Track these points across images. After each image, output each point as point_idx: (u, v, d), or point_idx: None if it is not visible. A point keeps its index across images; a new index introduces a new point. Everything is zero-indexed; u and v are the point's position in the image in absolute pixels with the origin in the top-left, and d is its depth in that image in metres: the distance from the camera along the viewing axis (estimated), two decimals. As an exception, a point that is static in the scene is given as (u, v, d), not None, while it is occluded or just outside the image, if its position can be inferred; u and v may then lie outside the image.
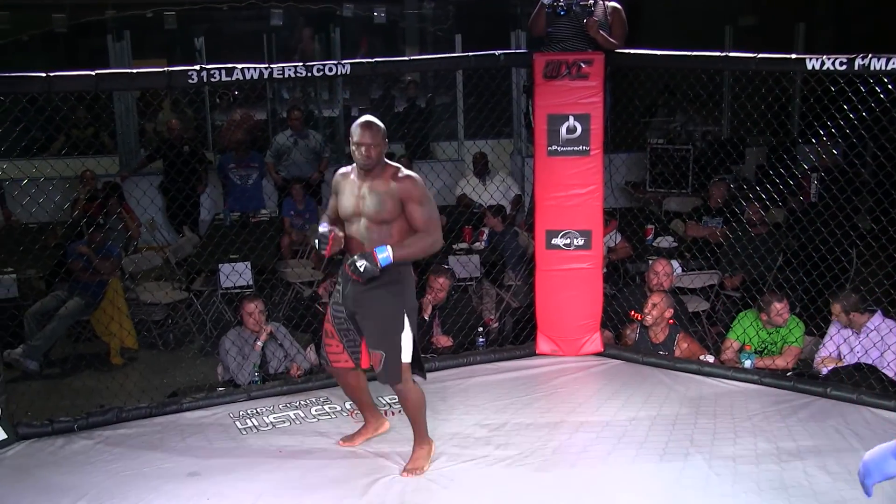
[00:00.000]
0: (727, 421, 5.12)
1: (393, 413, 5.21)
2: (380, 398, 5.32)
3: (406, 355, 4.47)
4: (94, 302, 7.33)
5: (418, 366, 4.62)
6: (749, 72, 5.85)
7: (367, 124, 4.36)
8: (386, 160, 4.44)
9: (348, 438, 4.98)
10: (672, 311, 6.11)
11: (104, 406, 5.47)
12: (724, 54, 5.78)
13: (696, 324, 6.65)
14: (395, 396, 4.78)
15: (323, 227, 4.44)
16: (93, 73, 4.95)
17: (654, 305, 6.02)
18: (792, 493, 4.33)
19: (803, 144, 9.69)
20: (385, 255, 4.25)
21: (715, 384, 5.67)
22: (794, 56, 5.43)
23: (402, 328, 4.43)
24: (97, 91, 5.26)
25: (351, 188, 4.46)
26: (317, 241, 4.41)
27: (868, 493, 2.64)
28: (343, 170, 4.61)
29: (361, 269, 4.24)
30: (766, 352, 6.03)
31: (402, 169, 4.43)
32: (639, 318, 6.11)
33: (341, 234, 4.42)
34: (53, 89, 4.93)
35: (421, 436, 4.66)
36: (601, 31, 5.81)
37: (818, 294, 6.18)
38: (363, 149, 4.33)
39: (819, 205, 6.11)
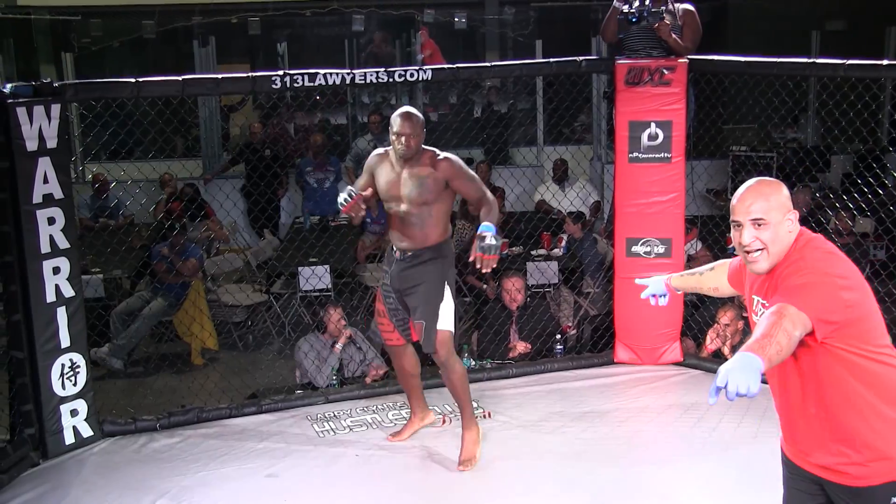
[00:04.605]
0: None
1: (450, 421, 5.23)
2: (446, 405, 5.34)
3: (447, 324, 4.56)
4: (176, 303, 7.46)
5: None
6: (837, 78, 5.71)
7: (407, 115, 4.47)
8: (423, 146, 4.54)
9: (397, 433, 5.10)
10: (743, 322, 6.00)
11: (185, 406, 5.56)
12: (811, 60, 5.67)
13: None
14: (456, 403, 4.85)
15: (351, 188, 4.54)
16: (179, 78, 5.05)
17: (727, 325, 5.92)
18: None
19: (894, 152, 9.42)
20: (494, 228, 4.30)
21: (798, 397, 5.53)
22: (885, 62, 5.30)
23: (441, 298, 4.55)
24: (183, 96, 5.36)
25: (388, 172, 4.57)
26: (341, 198, 4.49)
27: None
28: (378, 151, 4.71)
29: (494, 243, 4.24)
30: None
31: (437, 151, 4.53)
32: (714, 348, 5.99)
33: (366, 196, 4.52)
34: (142, 94, 5.05)
35: (468, 418, 4.75)
36: (673, 35, 5.71)
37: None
38: (403, 139, 4.44)
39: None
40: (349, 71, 5.34)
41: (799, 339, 2.56)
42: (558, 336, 6.28)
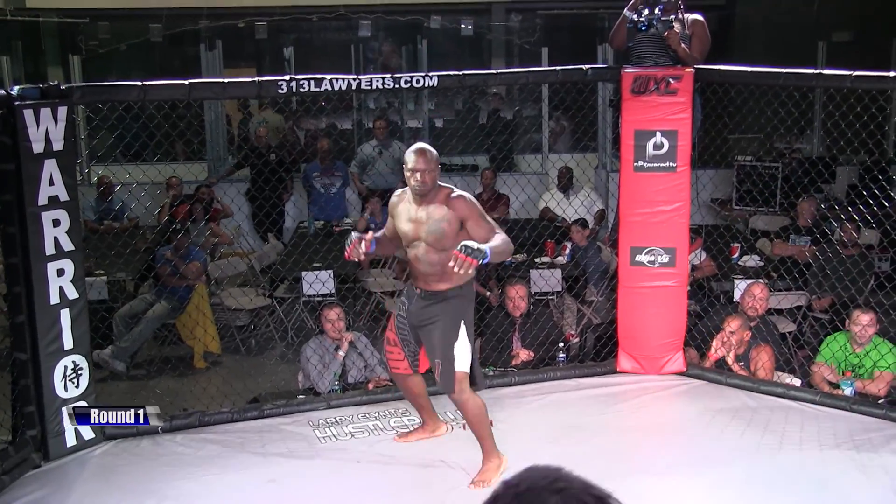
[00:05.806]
0: (814, 449, 4.98)
1: (464, 427, 5.19)
2: (447, 412, 5.32)
3: (461, 365, 4.53)
4: (180, 306, 7.46)
5: (472, 377, 4.63)
6: (843, 89, 5.70)
7: (422, 151, 4.46)
8: (439, 182, 4.52)
9: (403, 435, 5.15)
10: (749, 333, 5.99)
11: (187, 409, 5.56)
12: (817, 71, 5.66)
13: (783, 346, 6.49)
14: (476, 437, 4.77)
15: (354, 234, 4.58)
16: (186, 82, 5.06)
17: (732, 333, 5.89)
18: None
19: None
20: (486, 249, 4.13)
21: (801, 408, 5.52)
22: (892, 74, 5.29)
23: (456, 337, 4.52)
24: (189, 99, 5.37)
25: (407, 212, 4.56)
26: (346, 242, 4.55)
27: None
28: (398, 192, 4.72)
29: (477, 249, 4.08)
30: (854, 376, 5.85)
31: (453, 189, 4.52)
32: (719, 355, 5.97)
33: (368, 239, 4.49)
34: (149, 97, 5.06)
35: (488, 449, 4.68)
36: (682, 44, 5.72)
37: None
38: (418, 175, 4.42)
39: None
40: (355, 77, 5.35)
41: None
42: (561, 344, 6.27)
